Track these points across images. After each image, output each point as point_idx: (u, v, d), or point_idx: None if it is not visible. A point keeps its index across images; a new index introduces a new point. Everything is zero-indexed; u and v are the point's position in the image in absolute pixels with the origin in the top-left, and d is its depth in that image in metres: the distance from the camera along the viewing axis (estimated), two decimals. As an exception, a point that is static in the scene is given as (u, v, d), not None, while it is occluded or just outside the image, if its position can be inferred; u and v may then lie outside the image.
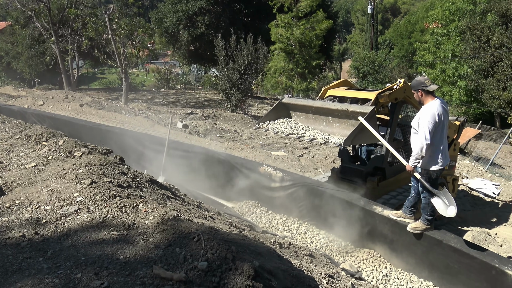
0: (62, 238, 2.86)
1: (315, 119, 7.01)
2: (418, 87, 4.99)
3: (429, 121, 4.79)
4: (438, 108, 4.86)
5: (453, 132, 8.37)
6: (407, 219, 5.49)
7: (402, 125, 7.39)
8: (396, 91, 6.50)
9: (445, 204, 4.92)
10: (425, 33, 35.74)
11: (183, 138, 11.50)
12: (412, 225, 5.35)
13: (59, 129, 7.19)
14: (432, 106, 4.88)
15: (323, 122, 6.85)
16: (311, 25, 26.44)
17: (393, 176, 7.33)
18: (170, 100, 26.16)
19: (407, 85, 6.62)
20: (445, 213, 4.93)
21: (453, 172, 8.97)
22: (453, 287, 5.09)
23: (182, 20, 29.36)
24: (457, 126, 8.47)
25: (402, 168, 7.28)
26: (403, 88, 6.58)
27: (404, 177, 7.48)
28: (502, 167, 17.19)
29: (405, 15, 62.09)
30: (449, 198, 4.92)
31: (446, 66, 29.31)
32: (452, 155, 8.32)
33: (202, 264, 2.44)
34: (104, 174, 3.90)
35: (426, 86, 4.93)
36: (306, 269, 3.59)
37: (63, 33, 22.93)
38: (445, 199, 4.93)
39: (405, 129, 7.39)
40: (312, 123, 7.05)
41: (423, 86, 4.94)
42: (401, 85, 6.56)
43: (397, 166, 7.35)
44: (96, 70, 51.86)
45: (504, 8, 21.77)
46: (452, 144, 8.35)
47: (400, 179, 7.49)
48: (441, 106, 4.91)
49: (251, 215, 7.21)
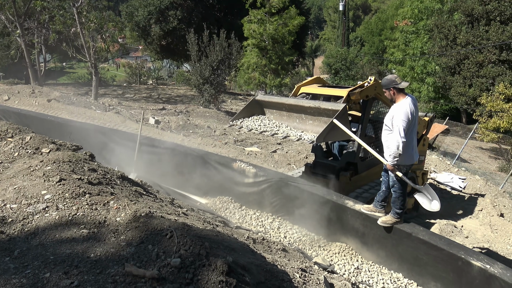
0: (30, 237, 2.78)
1: (289, 116, 7.07)
2: (390, 85, 5.04)
3: (403, 119, 4.86)
4: (410, 106, 4.94)
5: (423, 128, 8.60)
6: (378, 213, 5.61)
7: (373, 121, 7.54)
8: (367, 88, 6.62)
9: (429, 199, 5.05)
10: (395, 30, 36.46)
11: (155, 134, 11.36)
12: (383, 218, 5.46)
13: (25, 125, 6.96)
14: (405, 104, 4.95)
15: (297, 119, 6.92)
16: (284, 21, 26.52)
17: (365, 170, 7.49)
18: (141, 96, 25.75)
19: (377, 82, 6.74)
20: (429, 207, 5.05)
21: (423, 167, 9.24)
22: (422, 278, 5.24)
23: (154, 14, 28.89)
24: (426, 122, 8.71)
25: (373, 163, 7.46)
26: (374, 86, 6.71)
27: (375, 172, 7.65)
28: (468, 162, 17.78)
29: (375, 13, 63.13)
30: (432, 193, 5.04)
31: (415, 63, 30.00)
32: (421, 150, 8.58)
33: (175, 261, 2.42)
34: (74, 171, 3.80)
35: (397, 84, 4.99)
36: (280, 263, 3.62)
37: (29, 26, 22.13)
38: (428, 194, 5.05)
39: (377, 125, 7.54)
40: (286, 120, 7.11)
41: (395, 84, 5.00)
42: (372, 83, 6.68)
43: (369, 161, 7.51)
44: (64, 64, 50.42)
45: (470, 8, 22.42)
46: (422, 139, 8.58)
47: (372, 173, 7.67)
48: (412, 103, 4.99)
49: (224, 211, 7.20)
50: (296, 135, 6.52)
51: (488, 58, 21.45)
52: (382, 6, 65.65)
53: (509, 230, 8.80)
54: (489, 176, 15.07)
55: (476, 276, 4.64)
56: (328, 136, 5.83)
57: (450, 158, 16.17)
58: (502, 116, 18.18)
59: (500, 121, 18.04)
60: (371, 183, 7.69)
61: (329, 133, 5.74)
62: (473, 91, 21.85)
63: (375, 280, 5.34)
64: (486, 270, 4.54)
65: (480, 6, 21.87)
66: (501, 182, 13.76)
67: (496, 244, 8.19)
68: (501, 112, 18.35)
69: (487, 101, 19.20)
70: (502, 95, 18.88)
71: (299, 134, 6.54)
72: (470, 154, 19.81)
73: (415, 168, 8.61)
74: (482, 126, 18.95)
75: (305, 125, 6.74)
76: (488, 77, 21.35)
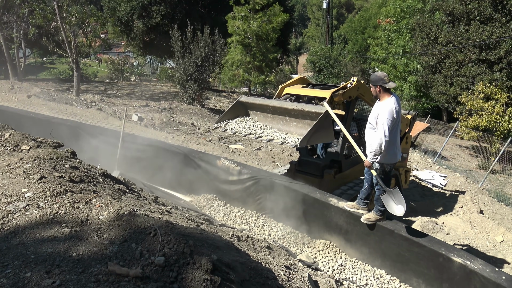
0: (10, 236, 2.72)
1: (273, 118, 7.13)
2: (378, 82, 5.05)
3: (388, 118, 4.88)
4: (395, 105, 4.97)
5: (405, 126, 8.73)
6: (361, 210, 5.66)
7: (357, 119, 7.61)
8: (350, 89, 6.69)
9: (394, 202, 5.07)
10: (378, 29, 36.77)
11: (138, 131, 11.25)
12: (366, 216, 5.51)
13: (5, 121, 6.80)
14: (390, 103, 4.97)
15: (281, 121, 6.99)
16: (268, 18, 26.50)
17: (349, 168, 7.57)
18: (124, 92, 25.45)
19: (360, 83, 6.84)
20: (393, 211, 5.10)
21: (405, 164, 9.39)
22: (404, 275, 5.31)
23: (137, 10, 28.52)
24: (409, 120, 8.85)
25: (357, 161, 7.55)
26: (357, 86, 6.79)
27: (359, 169, 7.73)
28: (448, 159, 18.10)
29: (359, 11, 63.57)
30: (399, 198, 5.07)
31: (398, 61, 30.36)
32: (404, 148, 8.73)
33: (159, 259, 2.40)
34: (55, 168, 3.74)
35: (385, 83, 5.01)
36: (264, 261, 3.62)
37: (7, 20, 21.65)
38: (394, 198, 5.07)
39: (360, 123, 7.62)
40: (270, 122, 7.17)
41: (382, 82, 5.01)
42: (355, 84, 6.77)
43: (353, 159, 7.60)
44: (45, 59, 49.40)
45: (451, 7, 22.75)
46: (404, 137, 8.70)
47: (356, 171, 7.75)
48: (397, 103, 5.02)
49: (209, 209, 7.18)
50: (280, 137, 6.59)
51: (468, 57, 21.84)
52: (365, 5, 66.14)
53: (488, 226, 9.00)
54: (469, 173, 15.38)
55: (457, 272, 4.73)
56: (311, 139, 5.86)
57: (431, 156, 16.45)
58: (482, 115, 18.55)
59: (479, 119, 18.41)
60: (356, 180, 7.76)
61: (313, 135, 5.77)
62: (453, 90, 22.22)
63: (359, 276, 5.40)
64: (467, 266, 4.63)
65: (460, 6, 22.23)
66: (480, 180, 14.05)
67: (476, 240, 8.37)
68: (481, 111, 18.73)
69: (467, 99, 19.56)
70: (481, 94, 19.27)
71: (283, 137, 6.60)
72: (450, 152, 20.18)
73: (398, 165, 8.75)
74: (462, 125, 19.31)
75: (289, 127, 6.81)
76: (468, 76, 21.74)
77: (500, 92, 19.11)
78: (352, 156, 7.60)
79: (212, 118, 18.48)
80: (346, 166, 7.47)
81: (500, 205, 11.08)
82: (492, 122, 18.33)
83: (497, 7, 21.05)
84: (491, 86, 19.55)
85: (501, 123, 18.17)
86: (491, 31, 20.73)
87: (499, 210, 10.61)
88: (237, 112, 7.49)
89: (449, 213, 9.74)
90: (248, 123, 7.23)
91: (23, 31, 22.51)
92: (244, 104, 7.57)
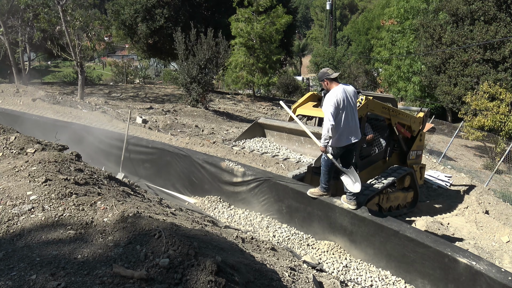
0: (15, 238, 2.73)
1: (289, 139, 7.52)
2: (323, 77, 5.61)
3: (330, 105, 5.36)
4: (338, 93, 5.43)
5: (418, 125, 8.97)
6: (324, 194, 6.15)
7: (370, 118, 7.82)
8: (360, 109, 6.92)
9: (352, 180, 5.54)
10: (381, 30, 36.71)
11: (142, 134, 11.27)
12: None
13: (10, 124, 6.84)
14: (333, 92, 5.46)
15: (296, 143, 7.40)
16: (271, 20, 26.52)
17: (364, 169, 7.79)
18: (128, 95, 25.52)
19: (369, 101, 7.19)
20: (352, 188, 5.55)
21: (420, 161, 9.66)
22: (409, 276, 5.29)
23: (140, 13, 28.62)
24: (421, 118, 9.00)
25: (372, 161, 7.92)
26: (366, 105, 7.11)
27: (374, 169, 8.01)
28: (453, 160, 18.02)
29: (362, 12, 63.51)
30: (355, 176, 5.59)
31: (401, 62, 30.26)
32: (418, 145, 9.16)
33: (164, 261, 2.40)
34: (60, 171, 3.75)
35: (329, 75, 5.56)
36: (269, 262, 3.62)
37: (13, 24, 21.79)
38: (352, 177, 5.57)
39: (373, 123, 8.00)
40: (286, 143, 7.58)
41: (327, 75, 5.57)
42: (364, 102, 7.05)
43: (368, 159, 7.90)
44: (49, 63, 49.73)
45: (455, 7, 22.66)
46: (418, 135, 8.95)
47: (371, 171, 7.98)
48: (343, 90, 5.46)
49: (213, 211, 7.18)
50: (295, 157, 7.06)
51: (473, 58, 21.73)
52: (368, 6, 66.09)
53: (494, 227, 8.95)
54: (474, 174, 15.30)
55: (463, 273, 4.71)
56: None
57: (436, 156, 16.38)
58: (487, 115, 18.45)
59: (484, 119, 18.31)
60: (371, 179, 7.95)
61: None
62: (458, 90, 22.12)
63: (364, 278, 5.38)
64: (472, 267, 4.61)
65: (464, 6, 22.14)
66: (486, 180, 13.98)
67: (481, 240, 8.32)
68: (486, 111, 18.63)
69: (472, 99, 19.47)
70: (486, 94, 19.17)
71: (298, 157, 7.09)
72: (455, 152, 20.08)
73: (413, 162, 8.93)
74: (467, 125, 19.22)
75: (304, 149, 7.23)
76: (473, 76, 21.64)
77: (505, 92, 18.99)
78: (368, 156, 7.92)
79: (216, 120, 18.50)
80: (362, 167, 7.68)
81: (506, 205, 11.01)
82: (497, 122, 18.23)
83: (501, 7, 20.95)
84: (496, 86, 19.44)
85: (506, 123, 18.07)
86: (496, 31, 20.63)
87: (505, 210, 10.55)
88: (254, 133, 7.92)
89: (454, 213, 9.69)
90: (264, 143, 7.77)
91: (28, 35, 22.65)
92: (262, 125, 8.06)
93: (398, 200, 8.39)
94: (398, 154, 8.83)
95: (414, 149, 9.01)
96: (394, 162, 8.67)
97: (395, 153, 8.71)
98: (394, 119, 8.06)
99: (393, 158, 8.62)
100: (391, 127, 8.17)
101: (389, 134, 8.31)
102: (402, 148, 8.74)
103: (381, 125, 8.23)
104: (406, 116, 8.60)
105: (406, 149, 8.82)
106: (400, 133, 8.39)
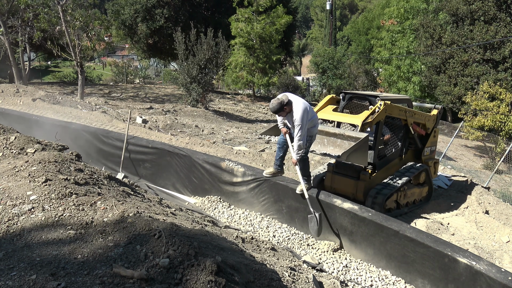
0: (15, 238, 2.73)
1: None
2: (282, 107, 5.85)
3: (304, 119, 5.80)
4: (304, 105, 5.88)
5: (432, 122, 9.20)
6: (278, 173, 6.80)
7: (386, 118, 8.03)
8: (379, 114, 7.14)
9: (316, 224, 5.75)
10: (381, 30, 36.67)
11: (142, 134, 11.27)
12: (299, 187, 6.26)
13: (10, 124, 6.84)
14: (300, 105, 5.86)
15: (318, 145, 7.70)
16: (271, 20, 26.53)
17: (382, 168, 7.99)
18: (128, 95, 25.52)
19: (387, 105, 7.34)
20: (312, 230, 5.83)
21: (434, 156, 9.92)
22: (409, 276, 5.29)
23: (140, 13, 28.62)
24: (435, 116, 9.20)
25: (388, 160, 8.18)
26: (384, 109, 7.26)
27: (390, 167, 8.27)
28: (453, 160, 18.02)
29: (362, 12, 63.49)
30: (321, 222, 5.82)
31: (401, 62, 30.24)
32: (432, 141, 9.43)
33: (164, 261, 2.40)
34: (60, 171, 3.75)
35: (284, 102, 5.83)
36: (269, 262, 3.62)
37: (13, 24, 21.77)
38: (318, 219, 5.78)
39: (390, 122, 8.22)
40: None
41: (284, 103, 5.83)
42: (382, 107, 7.19)
43: (386, 159, 8.14)
44: (49, 63, 49.69)
45: (455, 7, 22.65)
46: (432, 131, 9.23)
47: (388, 169, 8.21)
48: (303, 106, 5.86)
49: (213, 211, 7.18)
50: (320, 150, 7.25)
51: (473, 57, 21.73)
52: (368, 6, 66.07)
53: (494, 227, 8.94)
54: (474, 173, 15.28)
55: (463, 273, 4.71)
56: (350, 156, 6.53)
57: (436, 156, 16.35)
58: (487, 115, 18.45)
59: (484, 119, 18.31)
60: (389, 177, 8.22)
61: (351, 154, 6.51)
62: (458, 90, 22.11)
63: (364, 278, 5.38)
64: (472, 267, 4.60)
65: (464, 6, 22.13)
66: (486, 180, 13.97)
67: (481, 241, 8.31)
68: (486, 111, 18.62)
69: (472, 99, 19.47)
70: (486, 94, 19.16)
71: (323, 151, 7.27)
72: (455, 152, 20.08)
73: (427, 158, 9.27)
74: (467, 125, 19.21)
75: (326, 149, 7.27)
76: (473, 76, 21.63)
77: (505, 92, 18.98)
78: (385, 156, 8.13)
79: (216, 120, 18.50)
80: (379, 166, 7.90)
81: (506, 205, 10.99)
82: (497, 122, 18.22)
83: (501, 7, 20.95)
84: (496, 86, 19.43)
85: (507, 123, 18.06)
86: (496, 31, 20.63)
87: (505, 210, 10.53)
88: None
89: (454, 213, 9.68)
90: None
91: (28, 35, 22.62)
92: None
93: (414, 196, 8.74)
94: (413, 151, 9.09)
95: (428, 145, 9.29)
96: (410, 159, 8.94)
97: (410, 150, 8.98)
98: (410, 120, 8.29)
99: (408, 155, 8.89)
100: (406, 127, 8.40)
101: (404, 133, 8.55)
102: (417, 145, 8.96)
103: (396, 124, 8.39)
104: (421, 115, 8.84)
105: (421, 146, 9.06)
106: (416, 132, 8.62)
